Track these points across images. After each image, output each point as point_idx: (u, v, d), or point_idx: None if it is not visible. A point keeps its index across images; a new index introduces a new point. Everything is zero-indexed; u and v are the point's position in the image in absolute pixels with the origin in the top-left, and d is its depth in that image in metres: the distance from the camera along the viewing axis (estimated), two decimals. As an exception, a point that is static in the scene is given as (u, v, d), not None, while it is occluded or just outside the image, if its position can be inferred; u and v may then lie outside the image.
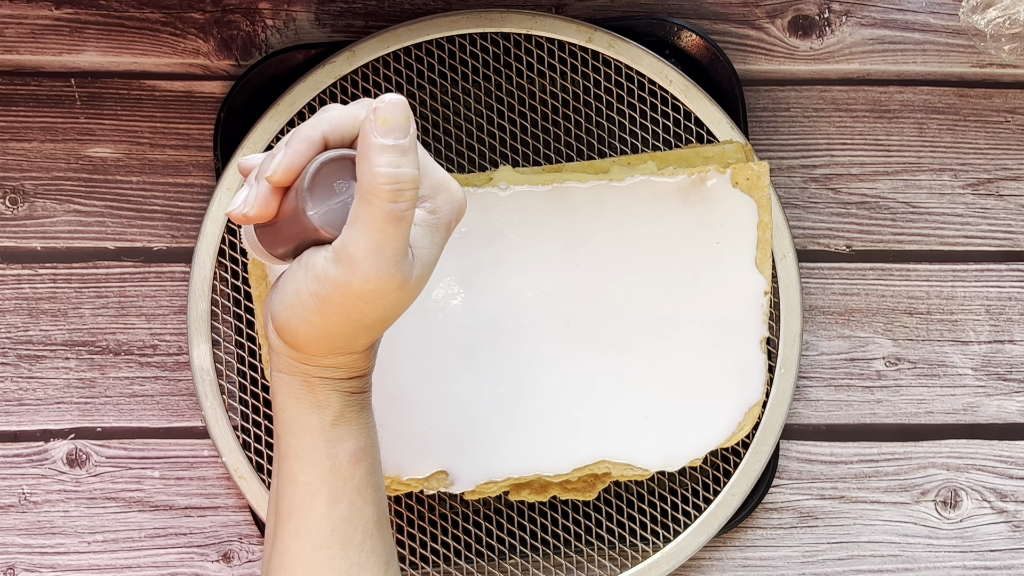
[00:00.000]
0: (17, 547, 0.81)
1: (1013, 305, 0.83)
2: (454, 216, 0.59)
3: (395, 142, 0.55)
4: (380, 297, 0.56)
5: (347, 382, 0.61)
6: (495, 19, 0.78)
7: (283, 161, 0.57)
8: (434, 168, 0.59)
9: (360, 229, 0.55)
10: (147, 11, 0.81)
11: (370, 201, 0.55)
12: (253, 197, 0.58)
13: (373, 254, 0.55)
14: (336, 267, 0.56)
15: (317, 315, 0.57)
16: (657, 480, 0.80)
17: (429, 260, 0.58)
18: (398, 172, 0.54)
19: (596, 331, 0.76)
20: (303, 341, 0.59)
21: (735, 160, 0.77)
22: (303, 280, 0.57)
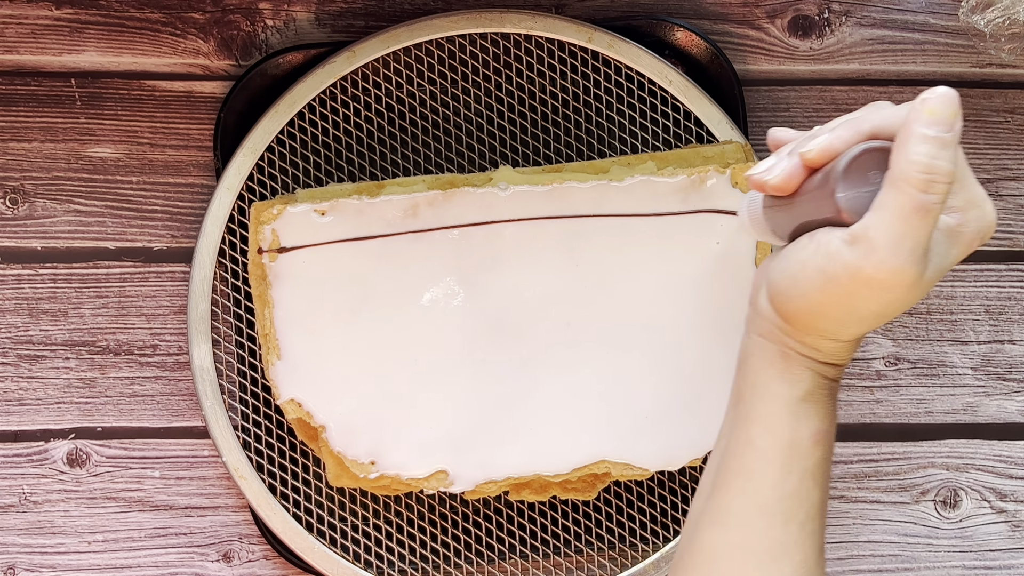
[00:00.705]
0: (17, 547, 0.81)
1: (1013, 305, 0.83)
2: (979, 236, 0.58)
3: (937, 134, 0.54)
4: (887, 289, 0.55)
5: (824, 366, 0.60)
6: (495, 19, 0.78)
7: (823, 142, 0.57)
8: (973, 183, 0.58)
9: (884, 215, 0.54)
10: (147, 11, 0.81)
11: (900, 188, 0.54)
12: (781, 168, 0.58)
13: (893, 242, 0.54)
14: (852, 249, 0.55)
15: (818, 291, 0.57)
16: (657, 480, 0.80)
17: (941, 268, 0.57)
18: (933, 163, 0.53)
19: (596, 331, 0.76)
20: (795, 312, 0.58)
21: (735, 160, 0.77)
22: (813, 255, 0.57)
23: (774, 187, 0.59)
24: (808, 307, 0.58)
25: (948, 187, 0.54)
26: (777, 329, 0.60)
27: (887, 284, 0.55)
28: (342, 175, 0.79)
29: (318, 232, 0.75)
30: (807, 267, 0.57)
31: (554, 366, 0.76)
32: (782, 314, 0.59)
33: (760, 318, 0.61)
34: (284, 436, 0.79)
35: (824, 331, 0.58)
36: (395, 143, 0.79)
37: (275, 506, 0.78)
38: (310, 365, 0.75)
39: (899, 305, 0.57)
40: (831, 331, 0.58)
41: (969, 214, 0.57)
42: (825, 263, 0.56)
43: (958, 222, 0.57)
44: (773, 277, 0.59)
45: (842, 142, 0.57)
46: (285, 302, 0.75)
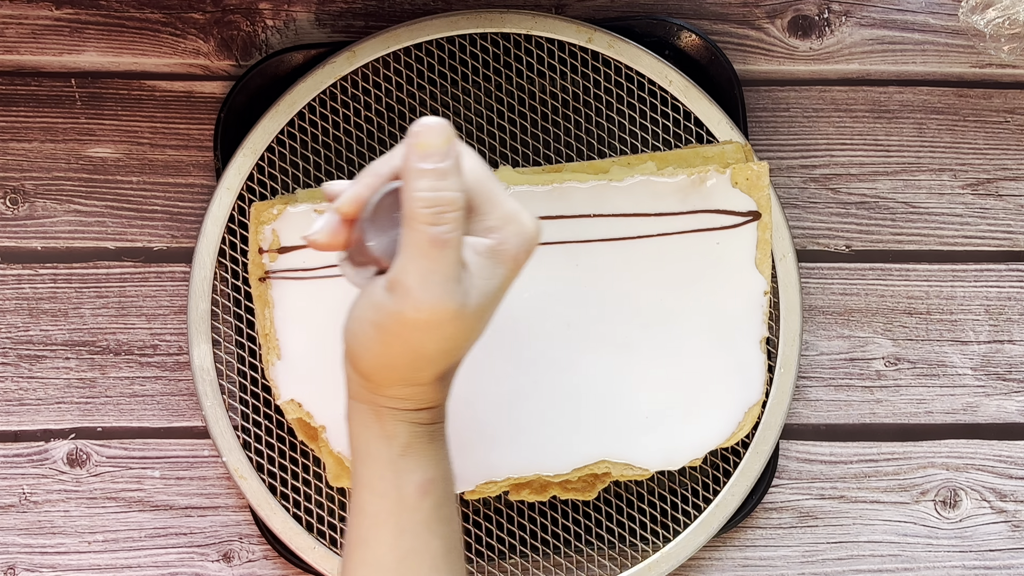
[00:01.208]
0: (17, 547, 0.81)
1: (1012, 305, 0.83)
2: (522, 249, 0.58)
3: (433, 166, 0.55)
4: (435, 326, 0.56)
5: (416, 413, 0.60)
6: (495, 19, 0.78)
7: (350, 193, 0.58)
8: (503, 200, 0.58)
9: (407, 255, 0.55)
10: (147, 11, 0.81)
11: (413, 226, 0.55)
12: (322, 225, 0.59)
13: (422, 280, 0.55)
14: (390, 295, 0.56)
15: (378, 344, 0.57)
16: (657, 480, 0.80)
17: (489, 290, 0.57)
18: (437, 196, 0.54)
19: (596, 331, 0.76)
20: (368, 369, 0.59)
21: (735, 160, 0.77)
22: (365, 308, 0.57)
23: (323, 245, 0.59)
24: (377, 361, 0.58)
25: (458, 215, 0.54)
26: (363, 389, 0.60)
27: (432, 322, 0.55)
28: (342, 175, 0.79)
29: (318, 232, 0.75)
30: (363, 322, 0.57)
31: (554, 366, 0.76)
32: (360, 373, 0.59)
33: (349, 381, 0.61)
34: (284, 436, 0.79)
35: (401, 380, 0.59)
36: (395, 143, 0.79)
37: (275, 506, 0.78)
38: (310, 365, 0.75)
39: (461, 337, 0.57)
40: (407, 378, 0.58)
41: (506, 231, 0.58)
42: (374, 315, 0.57)
43: (497, 241, 0.57)
44: (345, 338, 0.59)
45: (368, 189, 0.57)
46: (285, 302, 0.75)
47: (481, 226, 0.57)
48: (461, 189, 0.55)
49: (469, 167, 0.57)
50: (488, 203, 0.57)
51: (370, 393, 0.60)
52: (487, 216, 0.57)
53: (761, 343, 0.77)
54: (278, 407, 0.77)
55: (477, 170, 0.58)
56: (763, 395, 0.77)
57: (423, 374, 0.59)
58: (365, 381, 0.59)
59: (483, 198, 0.57)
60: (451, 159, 0.55)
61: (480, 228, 0.57)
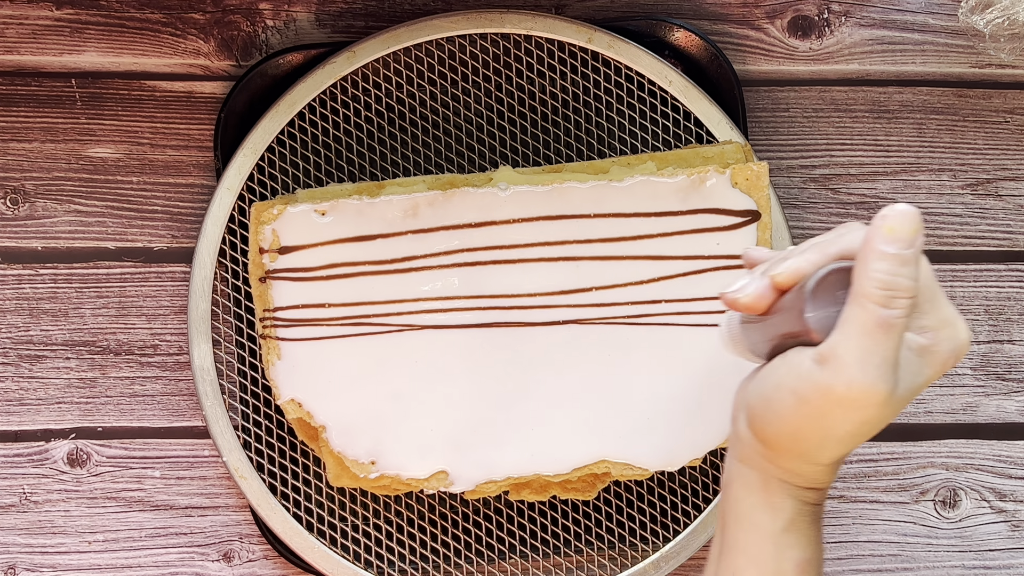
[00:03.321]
0: (18, 547, 0.81)
1: (1012, 305, 0.83)
2: (952, 356, 0.58)
3: (896, 251, 0.54)
4: (860, 408, 0.55)
5: (805, 491, 0.60)
6: (495, 20, 0.78)
7: (792, 265, 0.58)
8: (945, 303, 0.58)
9: (849, 332, 0.55)
10: (147, 12, 0.81)
11: (862, 304, 0.54)
12: (752, 288, 0.59)
13: (860, 359, 0.54)
14: (821, 368, 0.55)
15: (793, 414, 0.57)
16: (657, 480, 0.80)
17: (913, 387, 0.57)
18: (892, 280, 0.54)
19: (596, 331, 0.76)
20: (773, 437, 0.58)
21: (735, 160, 0.77)
22: (785, 376, 0.57)
23: (745, 306, 0.59)
24: (785, 430, 0.58)
25: (910, 302, 0.54)
26: (757, 454, 0.60)
27: (859, 402, 0.55)
28: (342, 175, 0.79)
29: (318, 232, 0.75)
30: (780, 389, 0.57)
31: (554, 366, 0.76)
32: (760, 438, 0.59)
33: (740, 443, 0.61)
34: (284, 436, 0.79)
35: (802, 454, 0.58)
36: (395, 143, 0.79)
37: (275, 506, 0.78)
38: (310, 365, 0.75)
39: (873, 424, 0.56)
40: (809, 454, 0.58)
41: (941, 333, 0.57)
42: (797, 384, 0.56)
43: (930, 342, 0.57)
44: (751, 401, 0.59)
45: (810, 264, 0.58)
46: (285, 302, 0.75)
47: (917, 324, 0.57)
48: (916, 280, 0.55)
49: (922, 264, 0.57)
50: (929, 303, 0.57)
51: (765, 460, 0.59)
52: (925, 316, 0.57)
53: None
54: (278, 407, 0.78)
55: (926, 269, 0.58)
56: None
57: (827, 453, 0.58)
58: (764, 448, 0.59)
59: (925, 297, 0.57)
60: (915, 249, 0.55)
61: (916, 326, 0.57)
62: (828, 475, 0.60)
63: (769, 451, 0.59)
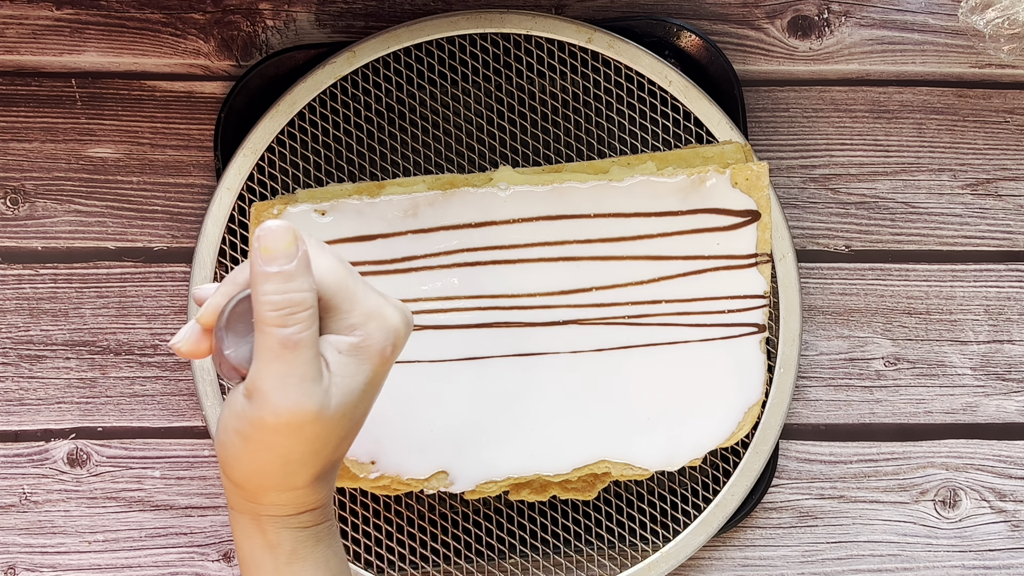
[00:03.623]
0: (18, 547, 0.81)
1: (1012, 305, 0.83)
2: (389, 343, 0.57)
3: (278, 268, 0.54)
4: (296, 430, 0.55)
5: (297, 517, 0.59)
6: (495, 19, 0.78)
7: (210, 304, 0.58)
8: (365, 295, 0.57)
9: (261, 360, 0.55)
10: (148, 12, 0.81)
11: (262, 330, 0.54)
12: (184, 335, 0.58)
13: (277, 385, 0.54)
14: (251, 403, 0.55)
15: (244, 452, 0.56)
16: (657, 480, 0.80)
17: (354, 388, 0.56)
18: (284, 298, 0.54)
19: (596, 331, 0.76)
20: (240, 478, 0.58)
21: (734, 160, 0.77)
22: (228, 418, 0.57)
23: (186, 353, 0.58)
24: (247, 469, 0.57)
25: (308, 314, 0.54)
26: (240, 498, 0.59)
27: (292, 425, 0.55)
28: (342, 175, 0.79)
29: (318, 232, 0.75)
30: (228, 431, 0.57)
31: (554, 366, 0.76)
32: (233, 481, 0.58)
33: (227, 491, 0.60)
34: (284, 436, 0.79)
35: (274, 486, 0.57)
36: (395, 143, 0.79)
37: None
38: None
39: (327, 437, 0.56)
40: (280, 483, 0.57)
41: (370, 327, 0.57)
42: (237, 423, 0.56)
43: (360, 338, 0.57)
44: (217, 450, 0.59)
45: (225, 298, 0.57)
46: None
47: (343, 324, 0.57)
48: (310, 289, 0.55)
49: (325, 265, 0.57)
50: (348, 300, 0.57)
51: (247, 502, 0.58)
52: (348, 313, 0.57)
53: (761, 343, 0.77)
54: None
55: (334, 268, 0.57)
56: (763, 395, 0.77)
57: (296, 478, 0.57)
58: (240, 490, 0.58)
59: (342, 296, 0.57)
60: (296, 260, 0.55)
61: (342, 326, 0.57)
62: (315, 494, 0.59)
63: (246, 492, 0.58)
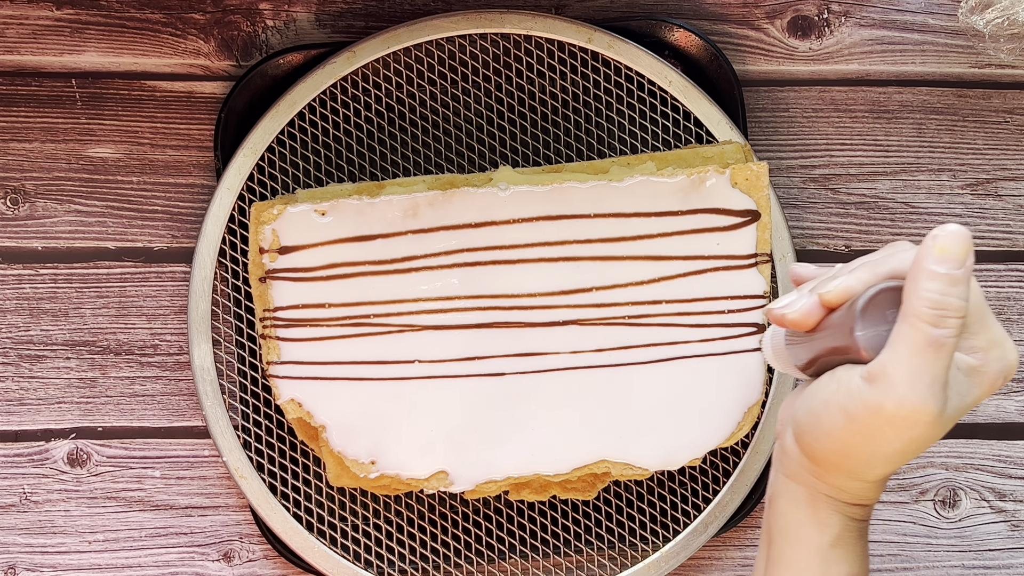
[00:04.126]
0: (18, 547, 0.81)
1: (1012, 305, 0.83)
2: (1000, 376, 0.58)
3: (947, 271, 0.54)
4: (909, 426, 0.55)
5: (852, 507, 0.60)
6: (495, 20, 0.78)
7: (842, 284, 0.58)
8: (994, 324, 0.58)
9: (899, 351, 0.55)
10: (148, 12, 0.81)
11: (912, 323, 0.54)
12: (800, 305, 0.59)
13: (910, 378, 0.54)
14: (871, 387, 0.55)
15: (842, 431, 0.57)
16: (657, 480, 0.80)
17: (961, 407, 0.57)
18: (943, 299, 0.54)
19: (596, 331, 0.76)
20: (821, 453, 0.58)
21: (734, 160, 0.77)
22: (835, 393, 0.57)
23: (792, 323, 0.59)
24: (833, 447, 0.58)
25: (960, 322, 0.55)
26: (804, 470, 0.60)
27: (908, 420, 0.55)
28: (342, 175, 0.79)
29: (318, 232, 0.75)
30: (830, 406, 0.57)
31: (554, 366, 0.76)
32: (808, 454, 0.59)
33: (787, 458, 0.61)
34: (284, 436, 0.79)
35: (850, 471, 0.58)
36: (395, 143, 0.79)
37: (275, 506, 0.78)
38: (310, 365, 0.75)
39: (922, 442, 0.57)
40: (857, 471, 0.58)
41: (990, 354, 0.58)
42: (847, 401, 0.56)
43: (979, 362, 0.57)
44: (799, 417, 0.59)
45: (860, 283, 0.58)
46: (285, 302, 0.75)
47: (966, 344, 0.57)
48: (966, 300, 0.55)
49: (972, 285, 0.57)
50: (979, 323, 0.57)
51: (812, 476, 0.59)
52: (975, 336, 0.57)
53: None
54: (278, 407, 0.78)
55: (976, 290, 0.58)
56: (763, 395, 0.77)
57: (875, 471, 0.58)
58: (811, 464, 0.59)
59: (975, 318, 0.57)
60: (966, 269, 0.55)
61: (965, 346, 0.57)
62: (875, 492, 0.60)
63: (817, 467, 0.59)
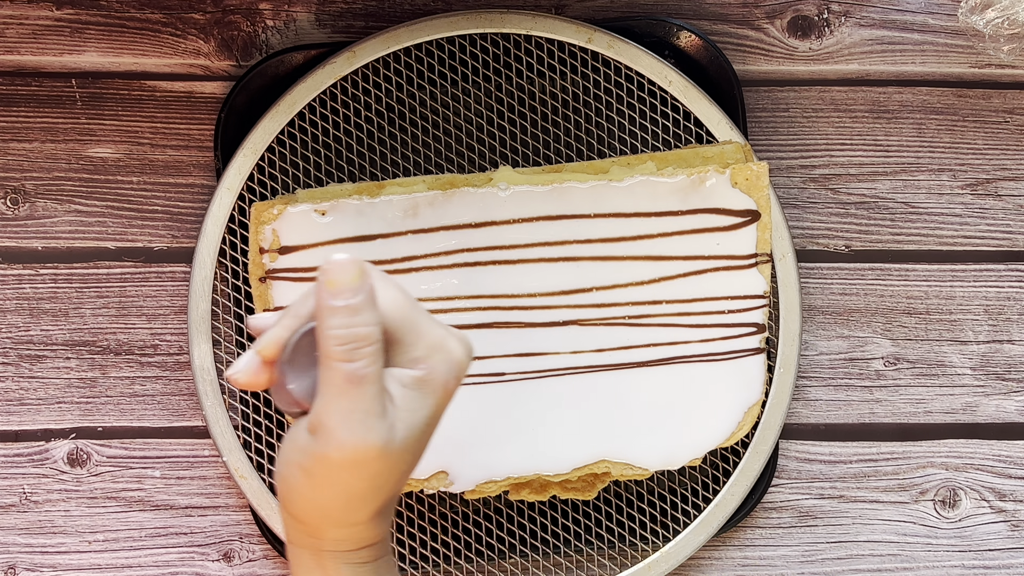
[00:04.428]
0: (18, 547, 0.81)
1: (1012, 305, 0.83)
2: (452, 376, 0.57)
3: (344, 303, 0.54)
4: (361, 465, 0.54)
5: (357, 553, 0.58)
6: (495, 20, 0.78)
7: (271, 336, 0.57)
8: (429, 328, 0.57)
9: (326, 395, 0.54)
10: (148, 12, 0.81)
11: (328, 365, 0.54)
12: (243, 366, 0.57)
13: (342, 420, 0.54)
14: (313, 438, 0.55)
15: (307, 487, 0.56)
16: (657, 480, 0.80)
17: (418, 422, 0.56)
18: (350, 332, 0.54)
19: (596, 331, 0.76)
20: (301, 513, 0.57)
21: (734, 160, 0.77)
22: (290, 452, 0.56)
23: (244, 385, 0.58)
24: (309, 505, 0.56)
25: (374, 349, 0.54)
26: (300, 533, 0.58)
27: (357, 461, 0.54)
28: (342, 175, 0.79)
29: (318, 232, 0.75)
30: (290, 466, 0.56)
31: (554, 366, 0.76)
32: (293, 516, 0.58)
33: (286, 526, 0.60)
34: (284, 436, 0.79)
35: (336, 522, 0.57)
36: (395, 143, 0.79)
37: (275, 506, 0.78)
38: (310, 365, 0.75)
39: (390, 472, 0.56)
40: (341, 519, 0.57)
41: (433, 360, 0.56)
42: (300, 458, 0.55)
43: (425, 372, 0.56)
44: (277, 483, 0.58)
45: (287, 331, 0.57)
46: (285, 302, 0.75)
47: (406, 357, 0.56)
48: (376, 323, 0.54)
49: (390, 298, 0.56)
50: (412, 333, 0.56)
51: (308, 537, 0.58)
52: (412, 347, 0.56)
53: (761, 343, 0.77)
54: (278, 407, 0.78)
55: (399, 300, 0.57)
56: (763, 395, 0.78)
57: (358, 514, 0.57)
58: (301, 525, 0.58)
59: (406, 329, 0.56)
60: (363, 294, 0.54)
61: (406, 359, 0.56)
62: (374, 529, 0.58)
63: (307, 527, 0.58)
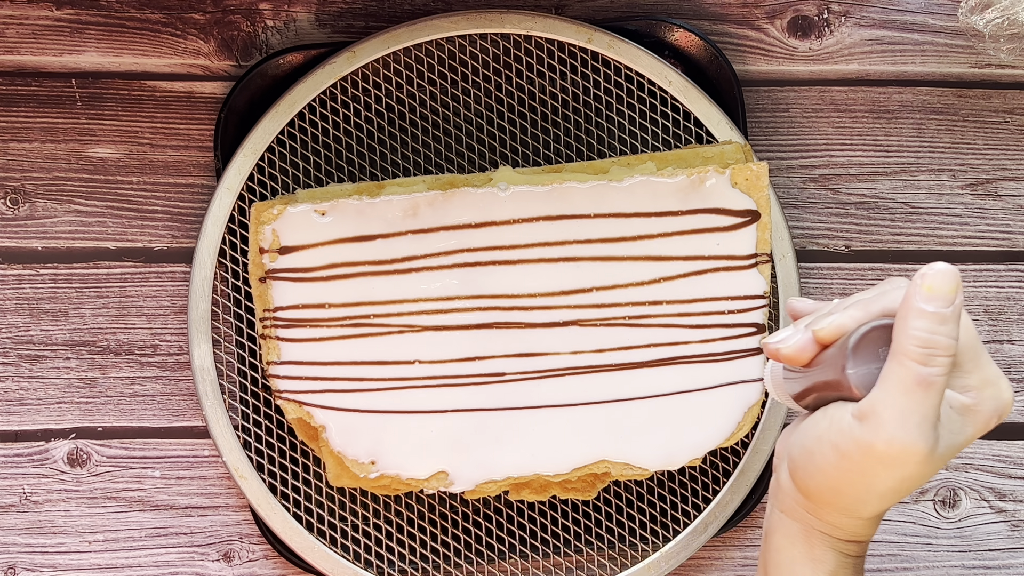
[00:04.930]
0: (18, 547, 0.81)
1: (1012, 305, 0.83)
2: (995, 415, 0.58)
3: (935, 309, 0.55)
4: (900, 465, 0.55)
5: (846, 544, 0.60)
6: (495, 20, 0.78)
7: (834, 321, 0.58)
8: (988, 362, 0.58)
9: (888, 389, 0.55)
10: (148, 12, 0.81)
11: (901, 362, 0.55)
12: (794, 341, 0.59)
13: (899, 417, 0.55)
14: (861, 425, 0.56)
15: (834, 468, 0.57)
16: (657, 480, 0.80)
17: (952, 445, 0.57)
18: (932, 338, 0.54)
19: (595, 331, 0.76)
20: (814, 489, 0.58)
21: (734, 160, 0.77)
22: (827, 430, 0.57)
23: (787, 358, 0.60)
24: (826, 483, 0.58)
25: (949, 360, 0.55)
26: (799, 506, 0.60)
27: (898, 459, 0.55)
28: (342, 175, 0.79)
29: (318, 232, 0.75)
30: (822, 443, 0.57)
31: (554, 366, 0.76)
32: (802, 490, 0.59)
33: (782, 493, 0.61)
34: (284, 436, 0.79)
35: (844, 508, 0.58)
36: (395, 143, 0.79)
37: (275, 506, 0.78)
38: (310, 365, 0.75)
39: (914, 481, 0.57)
40: (850, 508, 0.58)
41: (984, 393, 0.57)
42: (838, 439, 0.57)
43: (973, 401, 0.57)
44: (792, 452, 0.59)
45: (853, 321, 0.58)
46: (285, 302, 0.75)
47: (959, 383, 0.57)
48: (955, 338, 0.55)
49: (965, 323, 0.57)
50: (972, 362, 0.57)
51: (806, 512, 0.60)
52: (968, 375, 0.57)
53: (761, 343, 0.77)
54: (278, 407, 0.78)
55: (969, 328, 0.58)
56: (763, 395, 0.78)
57: (868, 508, 0.58)
58: (805, 500, 0.59)
59: (968, 356, 0.57)
60: (954, 307, 0.55)
61: (958, 384, 0.57)
62: (869, 528, 0.60)
63: (811, 503, 0.59)
